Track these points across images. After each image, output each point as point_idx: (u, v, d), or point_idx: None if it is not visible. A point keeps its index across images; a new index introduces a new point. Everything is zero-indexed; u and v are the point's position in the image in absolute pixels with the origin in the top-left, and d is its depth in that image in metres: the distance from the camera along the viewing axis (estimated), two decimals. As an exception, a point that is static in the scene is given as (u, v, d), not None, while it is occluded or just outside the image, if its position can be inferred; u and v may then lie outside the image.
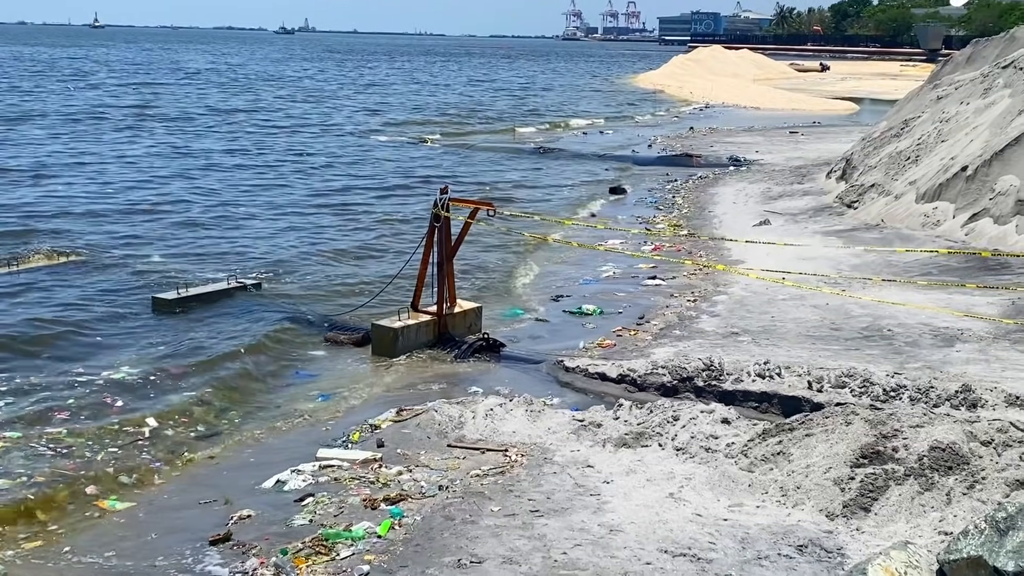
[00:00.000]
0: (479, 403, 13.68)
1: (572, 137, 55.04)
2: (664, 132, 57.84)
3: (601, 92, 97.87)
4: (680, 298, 20.43)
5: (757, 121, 66.37)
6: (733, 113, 75.69)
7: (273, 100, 72.87)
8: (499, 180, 37.71)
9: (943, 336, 16.77)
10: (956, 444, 10.48)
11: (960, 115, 28.81)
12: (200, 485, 11.66)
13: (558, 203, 32.95)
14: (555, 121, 64.42)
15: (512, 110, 71.50)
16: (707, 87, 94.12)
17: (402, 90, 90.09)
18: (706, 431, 12.17)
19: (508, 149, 47.88)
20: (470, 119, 63.43)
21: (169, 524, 10.58)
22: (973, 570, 8.36)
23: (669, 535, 9.67)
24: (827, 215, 28.46)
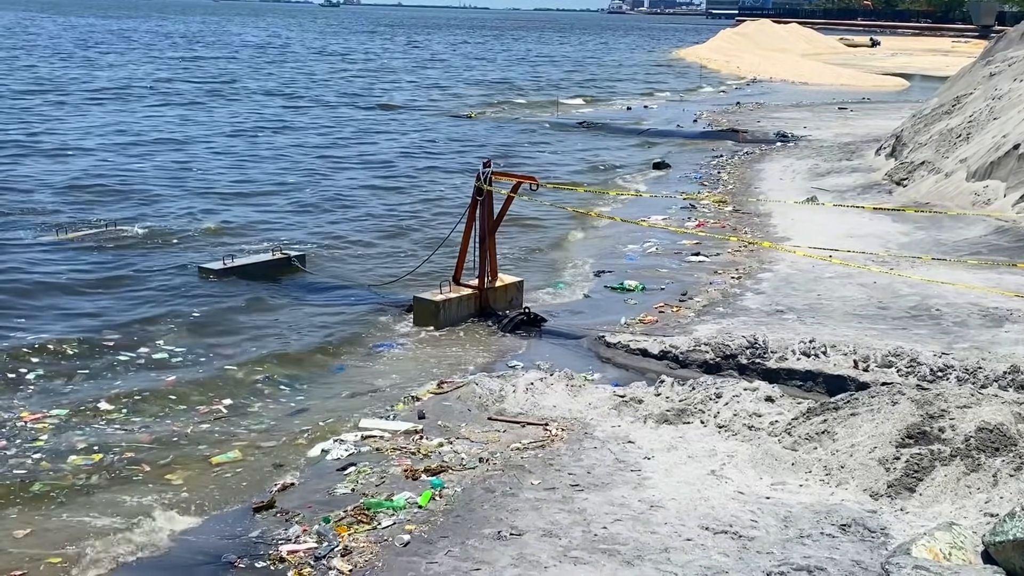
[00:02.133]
0: (520, 377, 13.71)
1: (616, 111, 54.66)
2: (710, 107, 57.27)
3: (646, 66, 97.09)
4: (724, 275, 20.29)
5: (805, 96, 65.52)
6: (781, 88, 74.78)
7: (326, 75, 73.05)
8: (542, 154, 37.61)
9: (992, 316, 16.53)
10: (1004, 425, 10.36)
11: (1013, 92, 28.25)
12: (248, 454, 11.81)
13: (601, 178, 32.79)
14: (599, 95, 64.04)
15: (556, 84, 71.15)
16: (755, 62, 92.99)
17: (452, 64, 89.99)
18: (749, 409, 12.12)
19: (552, 123, 47.67)
20: (514, 93, 63.23)
21: (218, 492, 10.76)
22: (1019, 552, 8.29)
23: (710, 512, 9.66)
24: (875, 192, 28.10)
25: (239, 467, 11.45)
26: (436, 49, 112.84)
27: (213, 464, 11.52)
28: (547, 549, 8.93)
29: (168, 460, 11.60)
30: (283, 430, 12.55)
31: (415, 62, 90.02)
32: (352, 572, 8.68)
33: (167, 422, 12.74)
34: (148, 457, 11.65)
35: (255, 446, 12.07)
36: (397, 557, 8.93)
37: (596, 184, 30.85)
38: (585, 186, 28.81)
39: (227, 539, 9.58)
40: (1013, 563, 8.27)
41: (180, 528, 9.90)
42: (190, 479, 11.18)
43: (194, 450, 11.93)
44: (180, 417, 12.92)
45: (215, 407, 13.30)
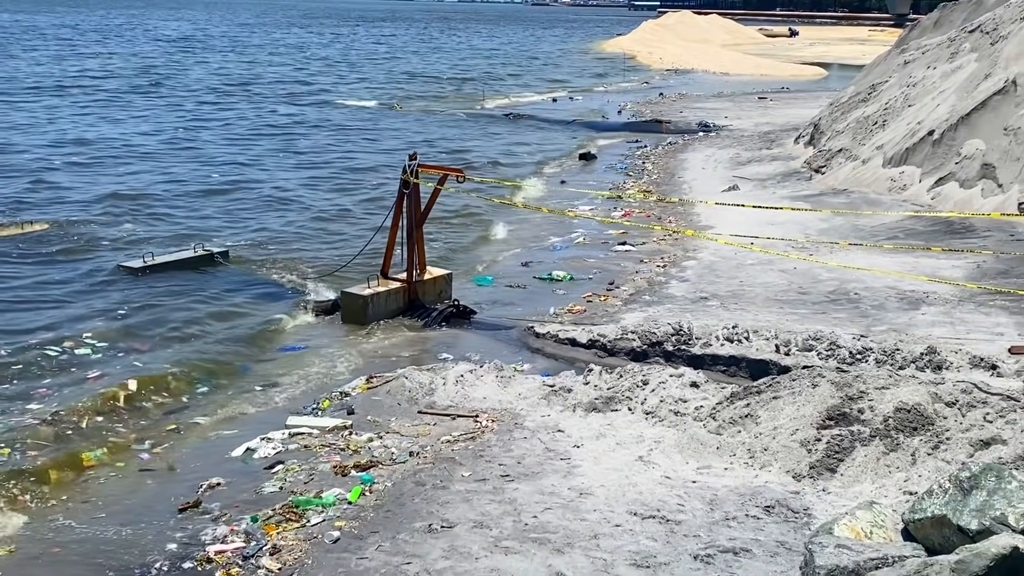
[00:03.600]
0: (449, 370, 13.68)
1: (542, 103, 54.78)
2: (634, 98, 57.67)
3: (570, 58, 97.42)
4: (650, 263, 20.48)
5: (726, 87, 66.36)
6: (702, 79, 75.60)
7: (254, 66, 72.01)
8: (469, 146, 37.54)
9: (909, 299, 16.92)
10: (921, 405, 10.60)
11: (927, 80, 28.92)
12: (172, 453, 11.61)
13: (528, 169, 32.84)
14: (525, 87, 64.11)
15: (482, 76, 71.04)
16: (677, 53, 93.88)
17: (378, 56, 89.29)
18: (675, 395, 12.24)
19: (478, 115, 47.65)
20: (441, 85, 63.01)
21: (142, 493, 10.56)
22: (937, 529, 8.47)
23: (638, 497, 9.74)
24: (795, 180, 28.57)
25: (163, 467, 11.26)
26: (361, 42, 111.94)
27: (136, 462, 11.32)
28: (478, 540, 8.92)
29: (87, 458, 11.37)
30: (208, 429, 12.36)
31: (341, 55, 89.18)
32: (281, 570, 8.59)
33: (89, 419, 12.46)
34: (64, 454, 11.40)
35: (180, 445, 11.87)
36: (327, 554, 8.85)
37: (523, 175, 30.88)
38: (512, 178, 28.86)
39: (152, 540, 9.41)
40: (932, 540, 8.44)
41: (101, 529, 9.68)
42: (110, 479, 10.96)
43: (114, 447, 11.71)
44: (102, 414, 12.65)
45: (138, 404, 13.05)
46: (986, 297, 16.74)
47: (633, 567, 8.38)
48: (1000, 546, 7.35)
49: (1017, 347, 13.99)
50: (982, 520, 8.13)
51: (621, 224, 23.75)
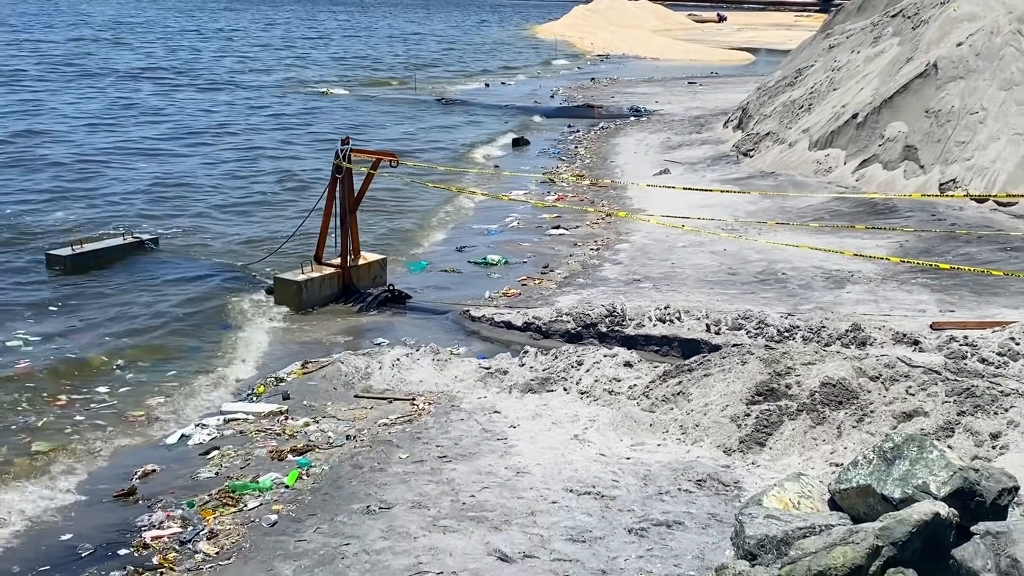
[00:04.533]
0: (385, 354, 13.71)
1: (475, 88, 54.69)
2: (566, 83, 57.84)
3: (504, 43, 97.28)
4: (583, 247, 20.66)
5: (657, 72, 66.81)
6: (633, 64, 76.04)
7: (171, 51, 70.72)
8: (402, 131, 37.40)
9: (834, 278, 17.32)
10: (846, 380, 10.89)
11: (851, 64, 29.49)
12: (106, 441, 11.49)
13: (461, 154, 32.85)
14: (458, 72, 63.91)
15: (414, 61, 70.68)
16: (608, 38, 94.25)
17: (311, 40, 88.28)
18: (609, 374, 12.41)
19: (411, 101, 47.43)
20: (372, 70, 62.53)
21: (76, 481, 10.45)
22: (862, 498, 8.75)
23: (574, 475, 9.89)
24: (724, 163, 28.97)
25: (97, 455, 11.14)
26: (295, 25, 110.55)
27: (69, 451, 11.17)
28: (416, 520, 9.00)
29: (18, 449, 11.21)
30: (142, 416, 12.25)
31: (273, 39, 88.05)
32: (219, 554, 8.59)
33: (19, 410, 12.28)
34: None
35: (114, 432, 11.75)
36: (265, 537, 8.86)
37: (457, 160, 30.90)
38: (445, 163, 28.84)
39: (87, 528, 9.33)
40: (857, 509, 8.71)
41: (35, 518, 9.57)
42: (42, 468, 10.82)
43: (47, 438, 11.55)
44: (33, 404, 12.47)
45: (69, 394, 12.88)
46: (909, 275, 17.21)
47: (569, 542, 8.52)
48: (922, 513, 7.61)
49: (939, 323, 14.41)
50: (905, 489, 8.41)
51: (555, 208, 23.91)
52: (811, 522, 8.15)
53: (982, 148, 22.54)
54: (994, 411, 10.17)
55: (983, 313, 14.99)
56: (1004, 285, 16.24)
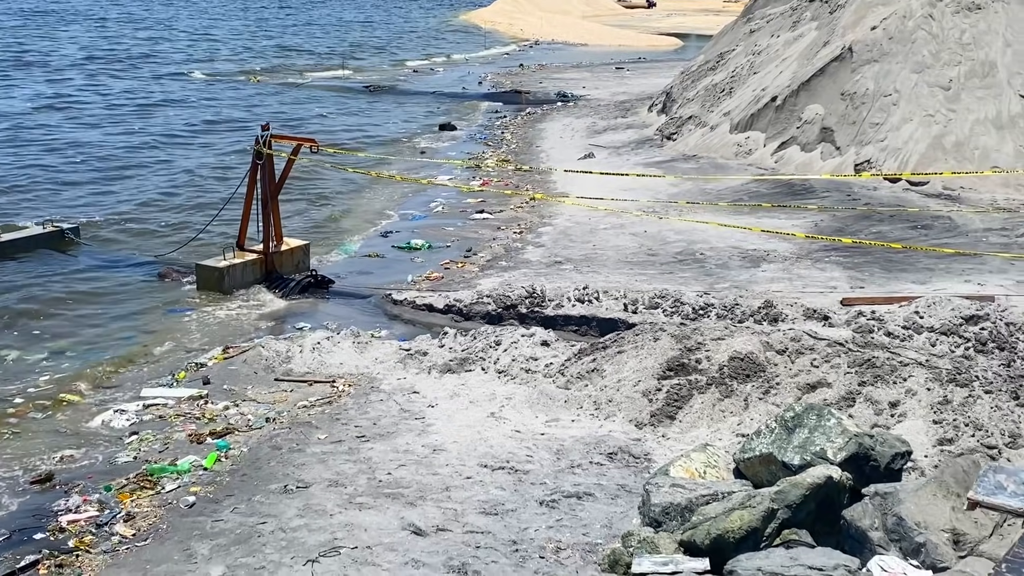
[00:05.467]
0: (306, 338, 13.81)
1: (404, 74, 54.56)
2: (494, 69, 57.95)
3: (433, 30, 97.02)
4: (507, 230, 20.87)
5: (585, 57, 67.19)
6: (562, 50, 76.38)
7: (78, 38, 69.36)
8: (328, 118, 37.24)
9: (751, 257, 17.74)
10: (753, 354, 11.26)
11: (771, 48, 30.05)
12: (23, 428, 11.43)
13: (387, 140, 32.80)
14: (385, 59, 63.65)
15: (341, 48, 70.21)
16: (537, 24, 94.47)
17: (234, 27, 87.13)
18: (526, 354, 12.66)
19: (338, 88, 47.17)
20: (299, 57, 62.01)
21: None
22: (765, 466, 9.10)
23: (489, 451, 10.11)
24: (648, 147, 29.36)
25: (14, 442, 11.08)
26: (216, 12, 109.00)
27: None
28: (333, 498, 9.15)
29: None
30: (61, 403, 12.19)
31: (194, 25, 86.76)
32: (136, 536, 8.66)
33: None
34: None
35: (31, 419, 11.69)
36: (182, 518, 8.95)
37: (383, 146, 30.87)
38: (372, 149, 28.84)
39: (1, 514, 9.31)
40: (760, 476, 9.06)
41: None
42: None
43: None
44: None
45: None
46: (822, 253, 17.70)
47: (482, 515, 8.75)
48: (815, 476, 7.97)
49: (848, 298, 14.88)
50: (804, 456, 8.78)
51: (480, 193, 24.08)
52: (714, 489, 8.47)
53: (895, 129, 23.19)
54: (893, 381, 10.61)
55: (891, 289, 15.49)
56: (912, 261, 16.79)
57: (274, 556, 8.15)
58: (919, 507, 7.02)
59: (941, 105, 23.33)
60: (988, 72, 23.95)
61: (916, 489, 7.25)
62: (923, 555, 6.82)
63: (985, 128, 22.70)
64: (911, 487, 7.37)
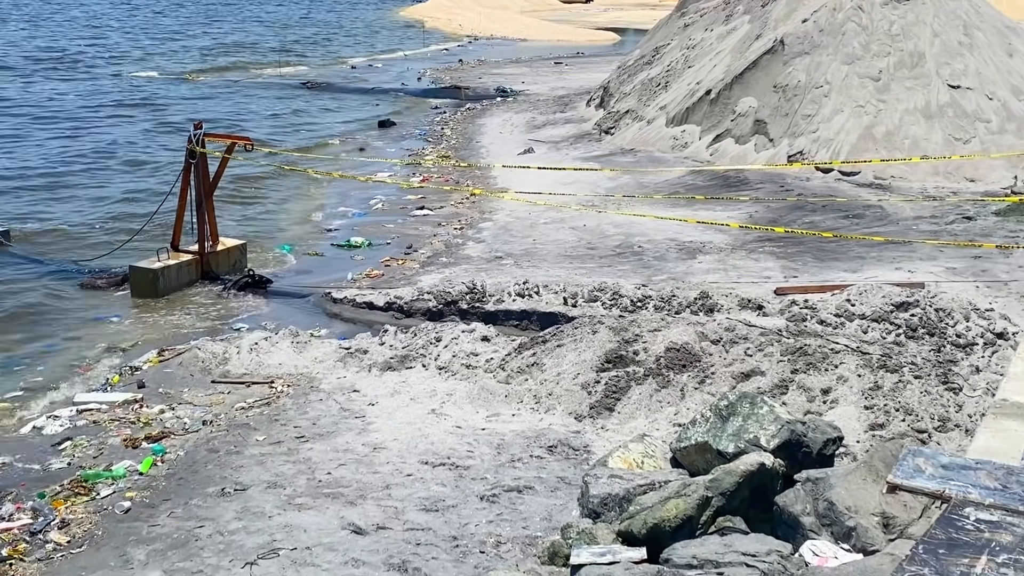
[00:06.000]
0: (244, 338, 13.67)
1: (342, 71, 54.21)
2: (433, 65, 57.82)
3: (371, 25, 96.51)
4: (448, 227, 20.84)
5: (524, 53, 67.32)
6: (501, 45, 76.39)
7: (18, 39, 67.95)
8: (265, 116, 36.89)
9: (687, 249, 17.91)
10: (689, 344, 11.38)
11: (705, 41, 30.34)
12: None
13: (325, 138, 32.55)
14: (323, 56, 63.20)
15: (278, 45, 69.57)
16: (476, 19, 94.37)
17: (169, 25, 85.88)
18: (467, 349, 12.66)
19: (275, 85, 46.74)
20: (237, 55, 61.32)
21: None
22: (700, 454, 9.20)
23: (430, 448, 10.11)
24: (587, 141, 29.49)
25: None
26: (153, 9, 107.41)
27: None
28: (272, 500, 9.09)
29: None
30: (-8, 412, 11.97)
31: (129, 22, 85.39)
32: (71, 543, 8.52)
33: None
34: None
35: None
36: (118, 524, 8.82)
37: (321, 144, 30.66)
38: (310, 147, 28.63)
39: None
40: (696, 465, 9.16)
41: None
42: None
43: None
44: None
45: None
46: (756, 244, 17.92)
47: (423, 512, 8.74)
48: (748, 463, 8.07)
49: (782, 288, 15.08)
50: (738, 443, 8.89)
51: (420, 189, 24.01)
52: (651, 479, 8.54)
53: (827, 120, 23.55)
54: (825, 368, 10.79)
55: (824, 277, 15.74)
56: (844, 250, 17.07)
57: (212, 560, 8.08)
58: (849, 492, 7.14)
59: (871, 96, 23.73)
60: (917, 63, 24.41)
61: (846, 474, 7.37)
62: (854, 539, 6.94)
63: (914, 118, 23.14)
64: (841, 472, 7.50)
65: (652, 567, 6.89)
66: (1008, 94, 23.92)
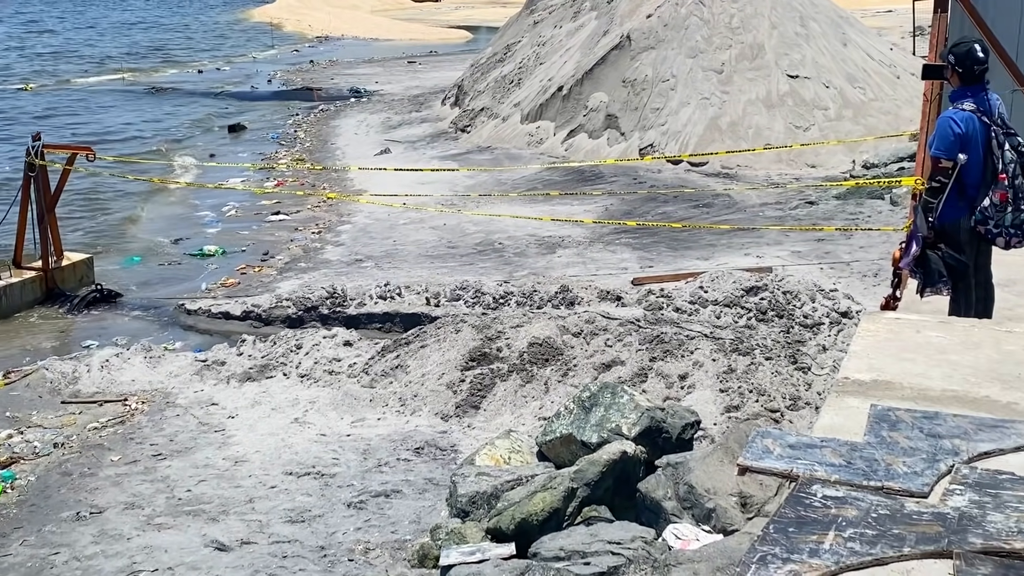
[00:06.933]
0: (94, 356, 13.17)
1: (189, 75, 52.74)
2: (284, 66, 56.79)
3: (219, 28, 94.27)
4: (305, 231, 20.53)
5: (376, 52, 66.76)
6: (352, 45, 75.54)
7: None
8: (111, 124, 35.61)
9: (547, 244, 18.10)
10: (551, 338, 11.50)
11: (555, 38, 30.71)
12: None
13: (173, 144, 31.66)
14: (170, 59, 61.41)
15: (123, 50, 67.28)
16: (325, 19, 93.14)
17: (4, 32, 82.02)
18: (329, 355, 12.50)
19: (119, 91, 45.19)
20: (79, 62, 59.02)
21: None
22: (566, 446, 9.31)
23: (294, 457, 9.93)
24: (443, 140, 29.47)
25: None
26: None
27: None
28: (130, 521, 8.79)
29: None
30: None
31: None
32: (-89, 583, 8.06)
33: None
34: None
35: None
36: (-35, 558, 8.39)
37: (169, 150, 29.79)
38: (157, 154, 27.81)
39: None
40: (562, 457, 9.27)
41: None
42: None
43: None
44: None
45: None
46: (613, 236, 18.24)
47: (288, 523, 8.59)
48: (611, 452, 8.21)
49: (639, 278, 15.40)
50: (601, 433, 9.03)
51: (275, 194, 23.58)
52: (519, 474, 8.60)
53: (674, 113, 24.13)
54: (681, 354, 11.05)
55: (678, 266, 16.14)
56: (696, 239, 17.54)
57: (68, 588, 7.76)
58: (708, 474, 7.34)
59: (715, 88, 24.43)
60: (757, 54, 25.24)
61: (704, 457, 7.57)
62: (713, 520, 7.14)
63: (757, 108, 23.93)
64: (699, 456, 7.70)
65: (521, 562, 6.93)
66: (844, 82, 24.97)
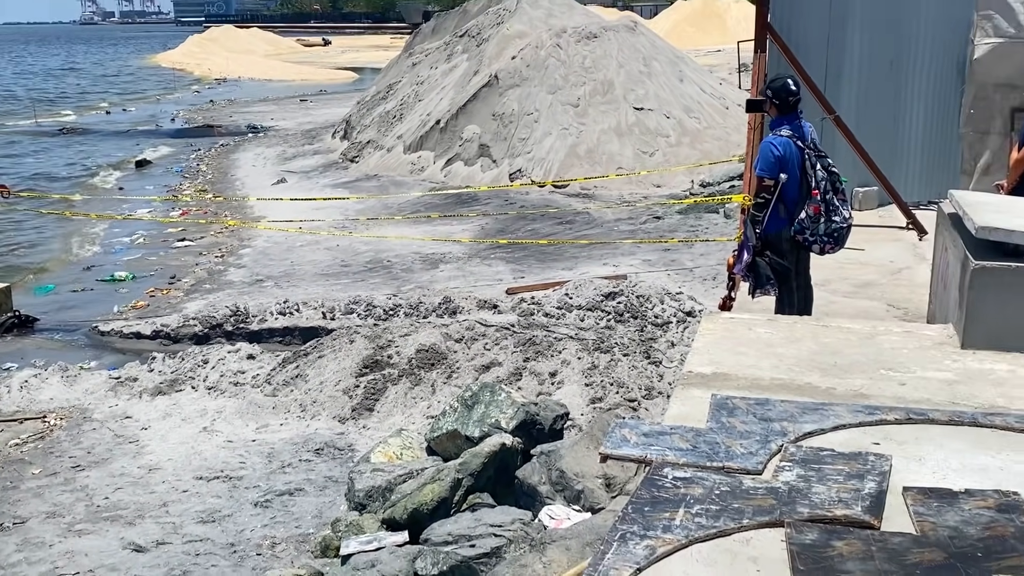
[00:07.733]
0: (13, 377, 12.54)
1: (97, 116, 50.75)
2: (186, 106, 55.20)
3: (125, 73, 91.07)
4: (209, 255, 19.96)
5: (271, 92, 65.46)
6: (249, 86, 73.92)
7: None
8: (20, 163, 34.00)
9: (430, 260, 18.01)
10: (436, 344, 11.45)
11: (431, 78, 30.65)
12: None
13: (84, 179, 30.42)
14: (79, 102, 59.03)
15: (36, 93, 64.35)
16: (223, 63, 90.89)
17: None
18: (234, 368, 12.18)
19: (28, 132, 43.18)
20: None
21: None
22: (452, 441, 9.27)
23: (204, 463, 9.63)
24: (335, 170, 29.08)
25: None
26: None
27: None
28: (52, 529, 8.37)
29: None
30: None
31: None
32: None
33: None
34: None
35: None
36: None
37: (80, 186, 28.57)
38: (65, 190, 26.67)
39: None
40: (449, 451, 9.22)
41: None
42: None
43: None
44: None
45: None
46: (489, 252, 18.27)
47: (200, 524, 8.32)
48: (491, 445, 8.22)
49: (512, 288, 15.45)
50: (482, 428, 9.03)
51: (180, 222, 22.87)
52: (410, 468, 8.54)
53: (539, 142, 24.34)
54: (551, 354, 11.14)
55: (546, 276, 16.25)
56: (561, 252, 17.70)
57: (-9, 597, 7.34)
58: (575, 460, 7.41)
59: (573, 119, 24.76)
60: (607, 90, 25.68)
61: (572, 445, 7.64)
62: (583, 500, 7.21)
63: (609, 136, 24.33)
64: (568, 444, 7.77)
65: (414, 547, 6.87)
66: (682, 113, 25.61)
